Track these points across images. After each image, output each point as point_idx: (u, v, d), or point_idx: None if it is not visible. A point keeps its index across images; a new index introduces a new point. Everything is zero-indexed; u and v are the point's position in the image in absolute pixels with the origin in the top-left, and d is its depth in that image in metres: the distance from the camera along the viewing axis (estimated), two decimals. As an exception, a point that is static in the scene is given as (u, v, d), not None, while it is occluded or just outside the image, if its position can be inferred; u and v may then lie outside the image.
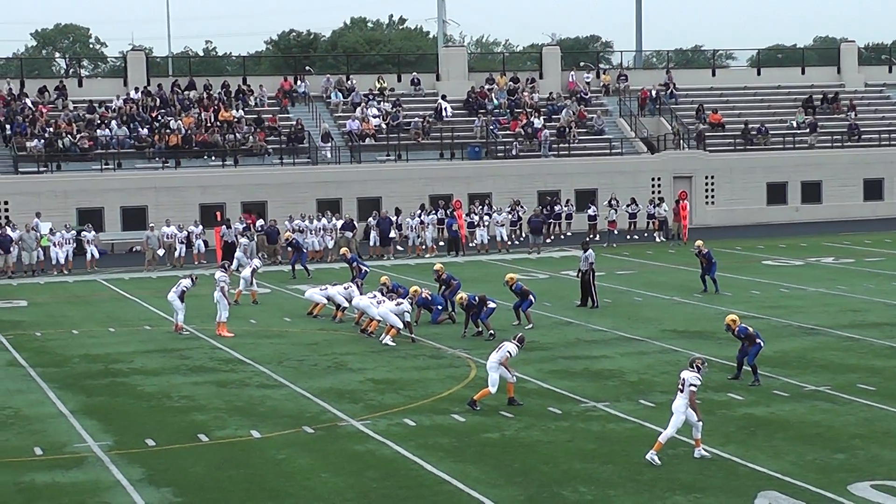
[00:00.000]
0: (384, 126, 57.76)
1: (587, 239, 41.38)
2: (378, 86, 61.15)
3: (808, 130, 61.64)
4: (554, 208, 52.90)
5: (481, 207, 50.62)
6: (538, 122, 59.15)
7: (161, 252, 45.13)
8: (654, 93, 62.98)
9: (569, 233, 53.04)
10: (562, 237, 52.35)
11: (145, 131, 54.59)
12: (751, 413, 21.53)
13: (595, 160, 57.81)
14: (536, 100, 61.50)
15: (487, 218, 49.84)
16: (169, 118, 55.49)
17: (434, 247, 48.40)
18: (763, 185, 59.48)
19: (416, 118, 58.33)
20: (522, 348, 22.70)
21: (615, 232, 50.90)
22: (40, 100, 56.45)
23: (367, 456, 19.28)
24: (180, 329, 30.99)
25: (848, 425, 20.56)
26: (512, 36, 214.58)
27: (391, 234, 47.55)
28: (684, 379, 18.70)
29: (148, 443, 20.26)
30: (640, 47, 77.36)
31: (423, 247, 48.01)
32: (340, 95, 59.97)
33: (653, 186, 57.08)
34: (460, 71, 63.05)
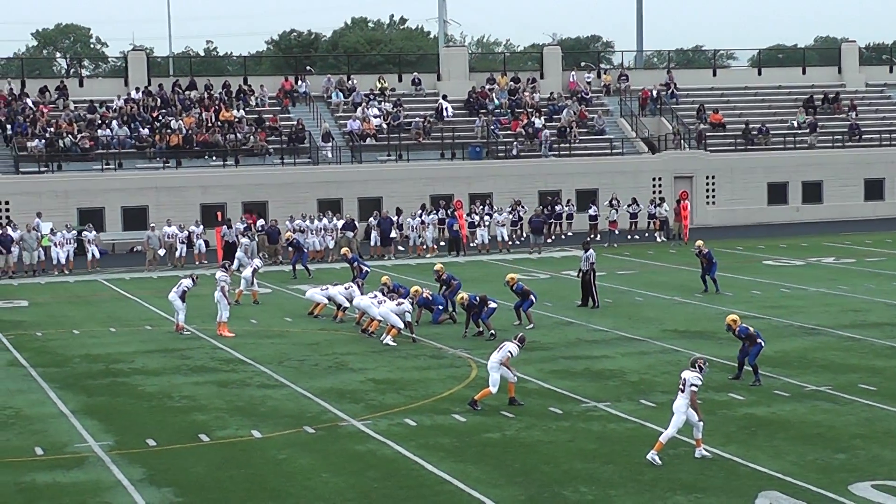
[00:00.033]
0: (385, 126, 57.75)
1: (588, 239, 41.33)
2: (379, 86, 61.14)
3: (808, 130, 61.63)
4: (555, 208, 52.88)
5: (482, 207, 50.61)
6: (539, 123, 59.16)
7: (162, 252, 45.12)
8: (655, 93, 62.97)
9: (570, 233, 53.03)
10: (563, 237, 52.33)
11: (146, 131, 54.59)
12: (752, 413, 21.52)
13: (596, 160, 57.80)
14: (537, 100, 61.49)
15: (488, 218, 49.81)
16: (170, 118, 55.49)
17: (434, 247, 48.40)
18: (764, 185, 59.47)
19: (417, 118, 58.32)
20: (523, 348, 22.71)
21: (616, 232, 50.90)
22: (41, 100, 56.45)
23: (368, 456, 19.28)
24: (181, 329, 31.00)
25: (849, 425, 20.56)
26: (513, 36, 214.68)
27: (392, 234, 47.54)
28: (685, 379, 18.69)
29: (149, 443, 20.26)
30: (641, 47, 77.36)
31: (424, 247, 48.01)
32: (341, 95, 59.97)
33: (654, 186, 57.07)
34: (461, 71, 63.04)
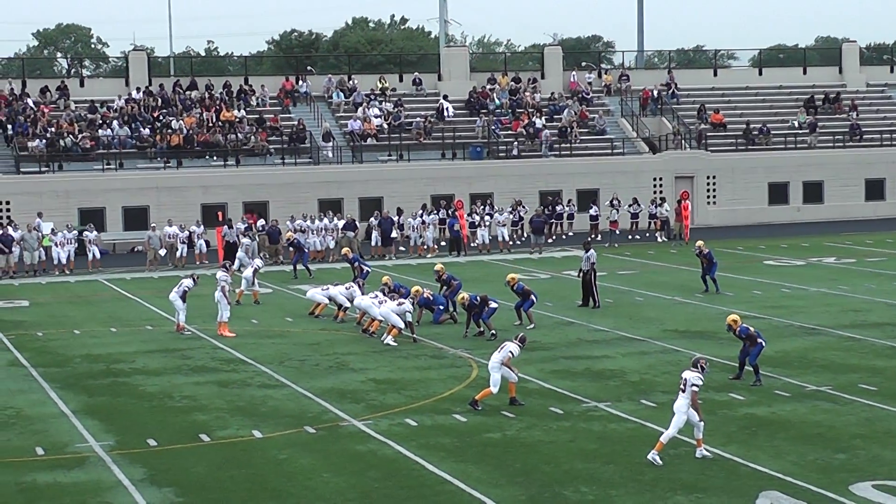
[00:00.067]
0: (386, 126, 57.76)
1: (589, 239, 41.32)
2: (380, 86, 61.14)
3: (808, 131, 61.62)
4: (555, 208, 52.89)
5: (483, 207, 50.61)
6: (540, 123, 59.15)
7: (163, 252, 45.12)
8: (656, 93, 62.97)
9: (570, 233, 53.03)
10: (563, 237, 52.33)
11: (147, 131, 54.60)
12: (752, 413, 21.53)
13: (597, 160, 57.80)
14: (538, 100, 61.49)
15: (489, 218, 49.81)
16: (170, 118, 55.50)
17: (435, 247, 48.39)
18: (765, 185, 59.45)
19: (418, 118, 58.32)
20: (524, 348, 22.72)
21: (617, 232, 50.91)
22: (42, 100, 56.47)
23: (369, 456, 19.29)
24: (182, 329, 31.00)
25: (849, 425, 20.56)
26: (513, 36, 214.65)
27: (393, 235, 47.54)
28: (686, 379, 18.69)
29: (149, 443, 20.26)
30: (642, 47, 77.34)
31: (425, 247, 48.01)
32: (342, 95, 59.97)
33: (654, 186, 57.06)
34: (462, 71, 63.04)
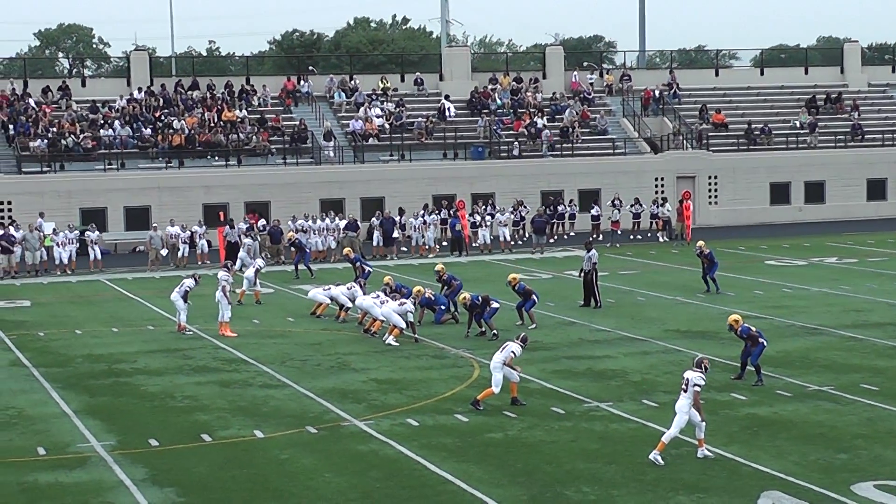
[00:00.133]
0: (387, 126, 57.76)
1: (590, 239, 41.31)
2: (381, 86, 61.13)
3: (808, 130, 61.59)
4: (557, 208, 52.89)
5: (484, 207, 50.60)
6: (541, 123, 59.14)
7: (164, 252, 45.12)
8: (658, 93, 62.95)
9: (572, 233, 53.01)
10: (565, 237, 52.32)
11: (148, 131, 54.61)
12: (754, 413, 21.52)
13: (598, 160, 57.80)
14: (540, 100, 61.49)
15: (490, 218, 49.80)
16: (172, 118, 55.50)
17: (437, 247, 48.39)
18: (766, 185, 59.43)
19: (420, 118, 58.32)
20: (526, 348, 22.72)
21: (618, 232, 50.91)
22: (44, 100, 56.49)
23: (371, 456, 19.29)
24: (183, 329, 31.01)
25: (851, 425, 20.55)
26: (515, 36, 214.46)
27: (394, 235, 47.54)
28: (688, 379, 18.69)
29: (151, 443, 20.27)
30: (644, 47, 77.31)
31: (427, 247, 48.01)
32: (344, 95, 59.97)
33: (656, 186, 57.05)
34: (463, 71, 63.03)
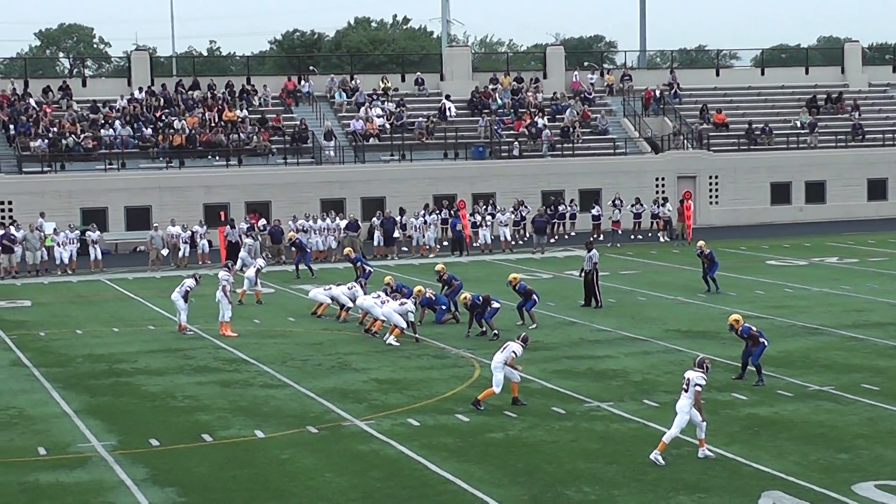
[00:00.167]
0: (388, 126, 57.76)
1: (591, 239, 41.35)
2: (382, 86, 61.13)
3: (808, 130, 61.58)
4: (558, 208, 52.88)
5: (485, 207, 50.59)
6: (542, 122, 59.13)
7: (165, 252, 45.12)
8: (658, 93, 62.94)
9: (573, 233, 53.01)
10: (566, 237, 52.33)
11: (149, 131, 54.61)
12: (755, 413, 21.52)
13: (599, 160, 57.79)
14: (540, 100, 61.48)
15: (491, 218, 49.78)
16: (173, 118, 55.50)
17: (437, 247, 48.38)
18: (767, 185, 59.42)
19: (420, 118, 58.32)
20: (527, 348, 22.72)
21: (619, 232, 50.91)
22: (44, 100, 56.49)
23: (371, 456, 19.28)
24: (184, 329, 31.01)
25: (852, 425, 20.55)
26: (516, 36, 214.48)
27: (395, 235, 47.53)
28: (689, 379, 18.68)
29: (152, 443, 20.27)
30: (644, 47, 77.29)
31: (427, 247, 48.01)
32: (344, 95, 59.97)
33: (657, 186, 57.04)
34: (464, 71, 63.03)
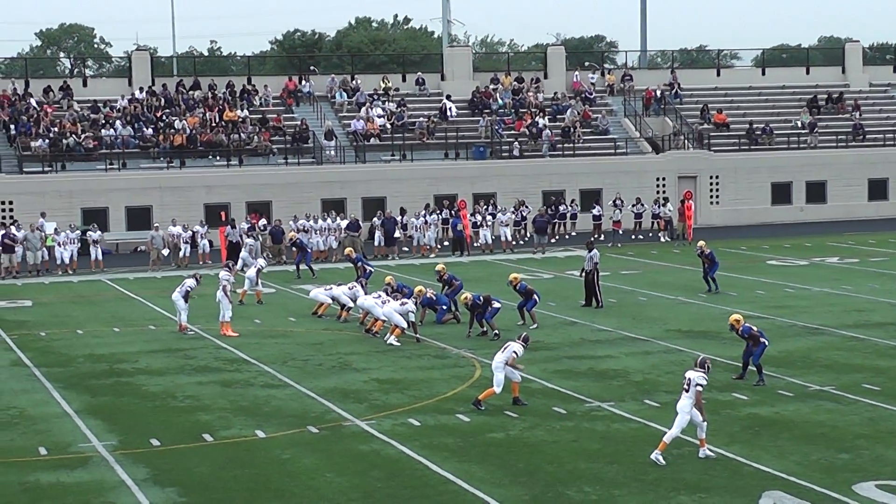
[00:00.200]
0: (389, 126, 57.76)
1: (592, 239, 41.35)
2: (383, 86, 61.14)
3: (809, 130, 61.56)
4: (558, 208, 52.88)
5: (486, 207, 50.58)
6: (543, 122, 59.13)
7: (166, 252, 45.13)
8: (659, 93, 62.94)
9: (573, 233, 53.01)
10: (566, 237, 52.33)
11: (150, 131, 54.62)
12: (755, 413, 21.51)
13: (600, 160, 57.79)
14: (541, 100, 61.48)
15: (492, 218, 49.78)
16: (173, 118, 55.51)
17: (437, 246, 48.38)
18: (768, 185, 59.42)
19: (421, 118, 58.32)
20: (528, 348, 22.72)
21: (620, 232, 50.91)
22: (45, 100, 56.50)
23: (372, 456, 19.28)
24: (184, 329, 31.01)
25: (852, 425, 20.54)
26: (516, 36, 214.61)
27: (396, 234, 47.54)
28: (690, 379, 18.67)
29: (152, 443, 20.27)
30: (645, 47, 77.32)
31: (428, 247, 48.01)
32: (345, 95, 59.98)
33: (657, 186, 57.04)
34: (465, 71, 63.03)
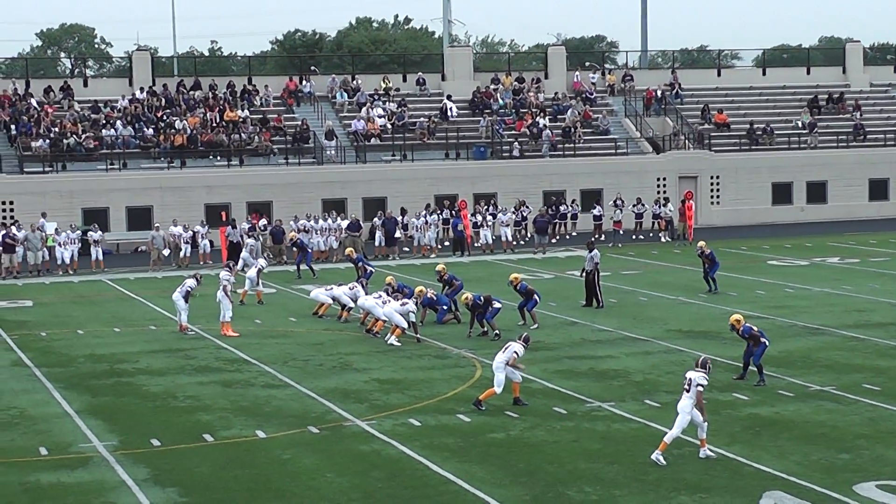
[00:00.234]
0: (389, 126, 57.76)
1: (592, 239, 41.35)
2: (383, 86, 61.14)
3: (809, 130, 61.55)
4: (559, 208, 52.89)
5: (486, 207, 50.58)
6: (543, 123, 59.12)
7: (166, 252, 45.13)
8: (660, 93, 62.93)
9: (574, 233, 53.01)
10: (567, 237, 52.33)
11: (150, 131, 54.62)
12: (756, 413, 21.52)
13: (600, 160, 57.79)
14: (542, 100, 61.48)
15: (492, 218, 49.78)
16: (174, 118, 55.51)
17: (437, 247, 48.38)
18: (768, 185, 59.42)
19: (422, 118, 58.32)
20: (528, 348, 22.71)
21: (620, 232, 50.90)
22: (46, 100, 56.51)
23: (373, 456, 19.29)
24: (185, 329, 31.02)
25: (853, 425, 20.55)
26: (517, 36, 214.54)
27: (396, 235, 47.54)
28: (691, 379, 18.68)
29: (153, 443, 20.27)
30: (646, 47, 77.32)
31: (429, 247, 48.02)
32: (346, 95, 59.98)
33: (658, 186, 57.04)
34: (465, 71, 63.03)
